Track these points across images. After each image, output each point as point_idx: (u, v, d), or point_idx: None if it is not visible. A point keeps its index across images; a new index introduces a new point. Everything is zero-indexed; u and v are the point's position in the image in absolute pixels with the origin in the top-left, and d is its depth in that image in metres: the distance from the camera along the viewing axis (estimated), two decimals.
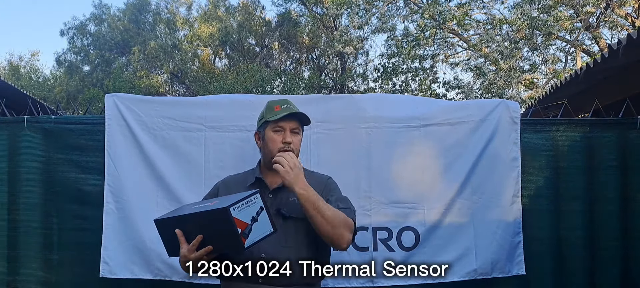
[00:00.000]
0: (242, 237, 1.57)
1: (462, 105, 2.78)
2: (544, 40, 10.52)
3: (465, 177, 2.60)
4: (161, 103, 2.69)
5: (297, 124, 1.95)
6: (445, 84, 13.27)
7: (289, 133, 1.92)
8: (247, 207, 1.60)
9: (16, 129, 2.72)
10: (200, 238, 1.65)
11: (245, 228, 1.58)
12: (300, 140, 1.98)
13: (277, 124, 1.92)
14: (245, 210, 1.60)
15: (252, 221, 1.60)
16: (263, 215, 1.64)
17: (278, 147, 1.90)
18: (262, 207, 1.64)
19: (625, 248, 2.68)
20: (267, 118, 1.94)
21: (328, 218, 1.74)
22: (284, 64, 17.80)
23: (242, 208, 1.59)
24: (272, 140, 1.92)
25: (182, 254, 1.68)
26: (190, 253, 1.66)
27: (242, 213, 1.59)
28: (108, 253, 2.56)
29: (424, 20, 11.32)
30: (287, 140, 1.90)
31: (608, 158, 2.69)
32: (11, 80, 15.71)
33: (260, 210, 1.63)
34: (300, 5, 16.42)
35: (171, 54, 16.86)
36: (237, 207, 1.57)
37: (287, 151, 1.85)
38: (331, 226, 1.75)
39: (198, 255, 1.66)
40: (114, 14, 18.68)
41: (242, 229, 1.57)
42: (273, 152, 1.89)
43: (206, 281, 2.54)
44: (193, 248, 1.66)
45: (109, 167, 2.60)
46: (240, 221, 1.58)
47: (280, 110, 1.92)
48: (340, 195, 1.95)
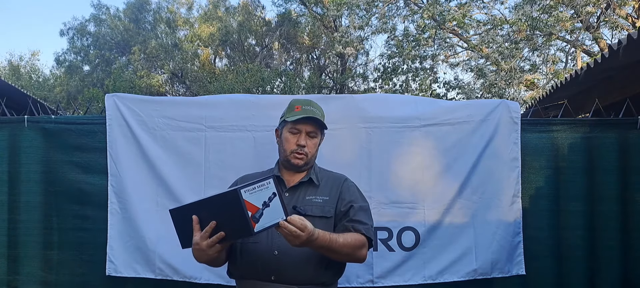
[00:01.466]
0: (252, 221, 1.54)
1: (463, 105, 2.78)
2: (545, 41, 10.52)
3: (466, 177, 2.61)
4: (161, 103, 2.69)
5: (314, 127, 1.94)
6: (446, 84, 13.28)
7: (304, 136, 1.92)
8: (259, 191, 1.56)
9: (16, 129, 2.72)
10: (214, 225, 1.62)
11: (256, 212, 1.55)
12: (316, 143, 1.97)
13: (294, 126, 1.92)
14: (257, 194, 1.56)
15: (263, 205, 1.56)
16: (275, 201, 1.59)
17: (292, 148, 1.91)
18: (275, 192, 1.59)
19: (625, 248, 2.68)
20: (286, 117, 1.95)
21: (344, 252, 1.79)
22: (284, 64, 17.80)
23: (254, 191, 1.55)
24: (287, 140, 1.94)
25: (195, 241, 1.66)
26: (202, 240, 1.64)
27: (254, 197, 1.55)
28: (113, 252, 2.59)
29: (424, 21, 11.32)
30: (301, 143, 1.91)
31: (608, 158, 2.69)
32: (11, 80, 15.73)
33: (272, 196, 1.59)
34: (301, 5, 16.41)
35: (171, 53, 16.87)
36: (248, 189, 1.54)
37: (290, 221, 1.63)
38: (347, 256, 1.82)
39: (210, 242, 1.63)
40: (114, 14, 18.69)
41: (253, 213, 1.54)
42: (286, 152, 1.92)
43: (206, 280, 2.55)
44: (206, 234, 1.63)
45: (111, 168, 2.61)
46: (251, 204, 1.54)
47: (300, 112, 1.92)
48: (359, 202, 1.94)
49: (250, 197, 1.54)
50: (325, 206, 1.88)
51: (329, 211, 1.88)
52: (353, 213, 1.88)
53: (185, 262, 2.53)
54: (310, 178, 1.94)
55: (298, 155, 1.91)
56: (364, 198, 1.99)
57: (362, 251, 1.84)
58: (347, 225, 1.86)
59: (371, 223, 1.92)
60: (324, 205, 1.88)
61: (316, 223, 1.82)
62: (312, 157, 1.95)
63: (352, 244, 1.80)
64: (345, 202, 1.90)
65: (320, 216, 1.85)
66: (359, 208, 1.90)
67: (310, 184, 1.94)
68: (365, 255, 1.87)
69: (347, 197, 1.92)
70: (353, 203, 1.90)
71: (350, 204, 1.90)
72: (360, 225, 1.86)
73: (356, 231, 1.84)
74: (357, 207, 1.90)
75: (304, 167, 1.94)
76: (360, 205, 1.92)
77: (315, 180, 1.94)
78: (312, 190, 1.92)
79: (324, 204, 1.89)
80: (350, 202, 1.91)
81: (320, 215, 1.85)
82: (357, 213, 1.88)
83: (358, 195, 1.97)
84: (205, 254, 1.67)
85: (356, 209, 1.89)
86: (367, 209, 1.95)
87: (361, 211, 1.90)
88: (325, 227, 1.83)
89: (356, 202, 1.92)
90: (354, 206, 1.89)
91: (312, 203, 1.87)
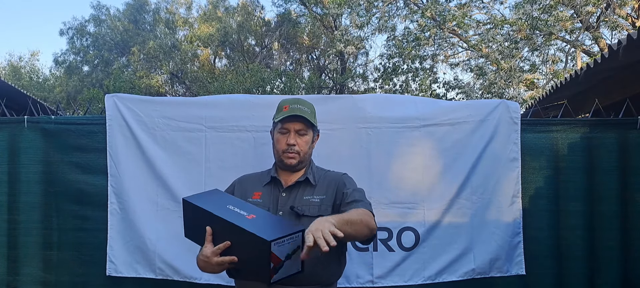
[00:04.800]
0: (272, 272, 1.49)
1: (462, 105, 2.78)
2: (545, 41, 10.52)
3: (465, 177, 2.61)
4: (161, 103, 2.69)
5: (302, 126, 1.93)
6: (446, 84, 13.28)
7: (293, 135, 1.92)
8: (286, 244, 1.50)
9: (16, 129, 2.72)
10: (228, 245, 1.58)
11: (278, 264, 1.50)
12: (307, 141, 1.95)
13: (283, 125, 1.92)
14: (284, 247, 1.50)
15: (286, 258, 1.51)
16: (297, 254, 1.53)
17: (283, 148, 1.92)
18: (299, 246, 1.53)
19: (625, 249, 2.68)
20: (274, 118, 1.97)
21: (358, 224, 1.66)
22: (284, 64, 17.80)
23: (283, 244, 1.49)
24: (278, 141, 1.94)
25: (204, 253, 1.62)
26: (213, 255, 1.60)
27: (280, 249, 1.49)
28: (113, 252, 2.59)
29: (424, 20, 11.32)
30: (290, 142, 1.90)
31: (608, 158, 2.69)
32: (11, 80, 15.73)
33: (296, 249, 1.53)
34: (300, 5, 16.41)
35: (171, 54, 16.86)
36: (278, 243, 1.47)
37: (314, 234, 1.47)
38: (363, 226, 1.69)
39: (221, 260, 1.59)
40: (113, 15, 18.69)
41: (275, 265, 1.49)
42: (279, 153, 1.93)
43: (206, 281, 2.55)
44: (218, 251, 1.59)
45: (111, 168, 2.62)
46: (276, 257, 1.48)
47: (287, 111, 1.91)
48: (355, 186, 1.93)
49: (277, 249, 1.48)
50: (322, 205, 1.88)
51: (325, 210, 1.87)
52: (348, 196, 1.85)
53: (185, 262, 2.53)
54: (307, 178, 1.94)
55: (289, 154, 1.91)
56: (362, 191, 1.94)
57: (371, 222, 1.74)
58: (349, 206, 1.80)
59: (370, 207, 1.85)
60: (320, 205, 1.88)
61: None
62: (305, 155, 1.94)
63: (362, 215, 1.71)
64: (341, 193, 1.89)
65: (317, 216, 1.82)
66: (353, 191, 1.88)
67: (307, 184, 1.94)
68: (375, 225, 1.77)
69: (342, 189, 1.90)
70: (346, 190, 1.88)
71: (344, 193, 1.87)
72: (361, 203, 1.82)
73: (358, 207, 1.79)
74: (350, 190, 1.87)
75: (299, 166, 1.94)
76: (354, 189, 1.90)
77: (312, 179, 1.94)
78: (309, 189, 1.92)
79: (320, 203, 1.88)
80: (348, 190, 1.89)
81: (317, 214, 1.83)
82: (352, 194, 1.86)
83: (354, 185, 1.95)
84: (211, 268, 1.64)
85: (350, 193, 1.86)
86: (363, 193, 1.91)
87: (356, 192, 1.88)
88: None
89: (354, 188, 1.90)
90: (347, 192, 1.87)
91: (309, 203, 1.87)
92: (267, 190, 1.95)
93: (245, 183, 2.02)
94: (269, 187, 1.96)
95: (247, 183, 2.02)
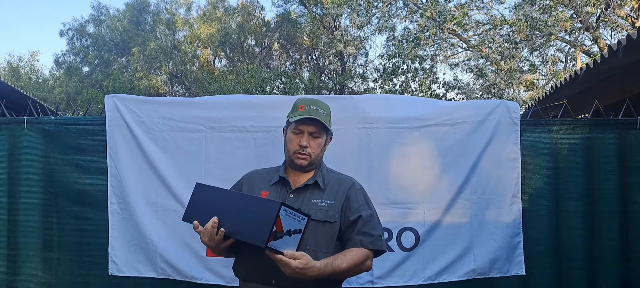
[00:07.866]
0: (271, 236, 1.57)
1: (462, 105, 2.78)
2: (544, 41, 10.53)
3: (465, 177, 2.61)
4: (161, 104, 2.70)
5: (316, 128, 1.92)
6: (445, 84, 13.30)
7: (306, 136, 1.91)
8: (292, 219, 1.61)
9: (16, 130, 2.72)
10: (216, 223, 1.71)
11: (279, 232, 1.59)
12: (320, 144, 1.94)
13: (297, 126, 1.91)
14: (289, 220, 1.61)
15: (287, 233, 1.61)
16: (296, 237, 1.64)
17: (295, 148, 1.91)
18: (302, 229, 1.64)
19: (625, 249, 2.68)
20: (289, 117, 1.96)
21: (349, 273, 1.85)
22: (284, 65, 17.79)
23: (289, 216, 1.60)
24: (290, 140, 1.93)
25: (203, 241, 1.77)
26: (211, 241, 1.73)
27: (286, 221, 1.60)
28: (115, 252, 2.60)
29: (424, 20, 11.32)
30: (303, 143, 1.90)
31: (608, 158, 2.69)
32: (11, 80, 15.73)
33: (298, 231, 1.64)
34: (300, 5, 16.41)
35: (171, 54, 16.87)
36: (288, 211, 1.60)
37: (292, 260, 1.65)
38: (352, 273, 1.86)
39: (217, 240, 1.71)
40: (113, 15, 18.69)
41: (277, 230, 1.58)
42: (290, 153, 1.93)
43: (207, 281, 2.55)
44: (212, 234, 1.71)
45: (111, 168, 2.62)
46: (280, 224, 1.59)
47: (302, 112, 1.90)
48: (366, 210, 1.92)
49: (284, 218, 1.59)
50: (330, 210, 1.87)
51: (333, 216, 1.87)
52: (361, 225, 1.87)
53: (186, 262, 2.54)
54: (316, 181, 1.93)
55: (300, 155, 1.90)
56: (371, 204, 1.97)
57: (366, 264, 1.87)
58: (355, 239, 1.86)
59: (379, 230, 1.91)
60: (328, 210, 1.87)
61: (319, 228, 1.83)
62: (316, 157, 1.93)
63: (356, 262, 1.82)
64: (353, 211, 1.89)
65: (324, 221, 1.84)
66: (367, 219, 1.89)
67: (315, 187, 1.92)
68: (370, 265, 1.90)
69: (354, 205, 1.90)
70: (361, 213, 1.89)
71: (358, 215, 1.88)
72: (367, 238, 1.86)
73: (363, 246, 1.85)
74: (366, 217, 1.89)
75: (309, 167, 1.93)
76: (369, 215, 1.91)
77: (321, 183, 1.93)
78: (317, 193, 1.91)
79: (328, 208, 1.88)
80: (357, 211, 1.89)
81: (324, 219, 1.84)
82: (365, 224, 1.87)
83: (365, 202, 1.95)
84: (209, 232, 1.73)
85: (364, 220, 1.88)
86: (375, 216, 1.94)
87: (369, 222, 1.89)
88: (329, 232, 1.84)
89: (364, 212, 1.90)
90: (362, 216, 1.88)
91: (316, 207, 1.86)
92: (275, 189, 1.95)
93: (253, 181, 2.01)
94: (277, 187, 1.95)
95: (255, 180, 2.01)
